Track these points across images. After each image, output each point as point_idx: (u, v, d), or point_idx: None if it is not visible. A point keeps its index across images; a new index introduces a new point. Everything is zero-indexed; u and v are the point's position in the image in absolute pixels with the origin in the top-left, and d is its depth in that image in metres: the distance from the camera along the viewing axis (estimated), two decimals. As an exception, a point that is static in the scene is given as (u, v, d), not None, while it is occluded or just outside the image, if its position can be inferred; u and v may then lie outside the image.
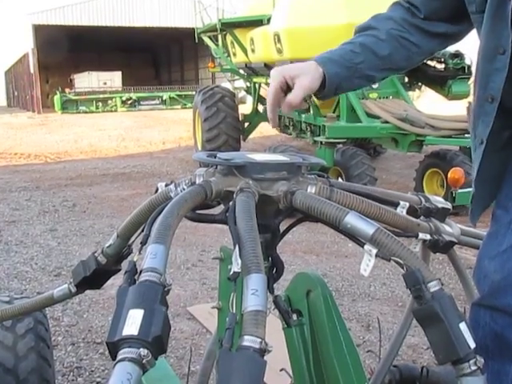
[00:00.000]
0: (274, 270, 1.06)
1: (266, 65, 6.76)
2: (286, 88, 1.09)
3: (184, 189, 1.00)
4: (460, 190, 4.19)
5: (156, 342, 0.67)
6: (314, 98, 5.76)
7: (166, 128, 13.09)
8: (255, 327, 0.70)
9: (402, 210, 1.05)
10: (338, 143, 5.25)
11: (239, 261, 0.78)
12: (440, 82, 6.34)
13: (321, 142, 5.09)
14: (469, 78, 6.24)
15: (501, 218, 1.03)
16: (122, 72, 24.32)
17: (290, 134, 7.56)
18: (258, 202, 0.94)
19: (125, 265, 0.87)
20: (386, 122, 5.34)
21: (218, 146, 6.99)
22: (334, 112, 5.91)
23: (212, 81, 21.82)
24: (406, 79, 6.45)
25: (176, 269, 3.70)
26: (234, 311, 0.75)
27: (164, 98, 21.18)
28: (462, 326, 0.80)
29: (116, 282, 2.40)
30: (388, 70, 1.17)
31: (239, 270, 0.78)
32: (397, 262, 0.85)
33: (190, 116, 8.73)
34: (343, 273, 3.63)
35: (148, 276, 0.73)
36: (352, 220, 0.88)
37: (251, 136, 8.47)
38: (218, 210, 1.00)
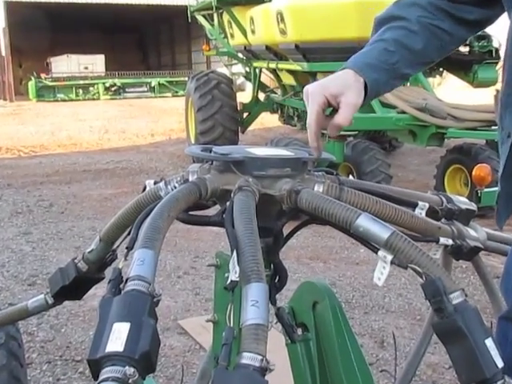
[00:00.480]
0: (277, 278, 1.06)
1: (267, 47, 6.75)
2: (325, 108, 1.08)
3: (175, 187, 1.01)
4: (486, 190, 4.19)
5: (143, 359, 0.67)
6: None
7: (154, 118, 13.09)
8: (255, 343, 0.70)
9: (420, 212, 1.06)
10: (349, 136, 5.25)
11: (237, 268, 0.79)
12: (464, 67, 6.32)
13: (329, 135, 5.10)
14: (497, 63, 6.23)
15: None
16: (105, 55, 24.33)
17: (295, 126, 7.55)
18: (259, 202, 0.95)
19: (108, 272, 0.88)
20: (403, 113, 5.34)
21: (214, 138, 7.00)
22: None
23: (207, 65, 21.83)
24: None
25: (166, 277, 3.71)
26: (232, 325, 0.76)
27: (152, 85, 21.19)
28: (489, 343, 0.80)
29: (98, 291, 2.41)
30: (422, 64, 1.17)
31: (237, 279, 0.78)
32: (415, 270, 0.85)
33: (181, 105, 8.72)
34: (354, 282, 3.64)
35: (135, 285, 0.74)
36: (364, 222, 0.89)
37: (251, 128, 8.47)
38: (213, 210, 1.01)
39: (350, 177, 1.15)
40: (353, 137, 5.45)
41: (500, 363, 0.79)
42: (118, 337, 0.68)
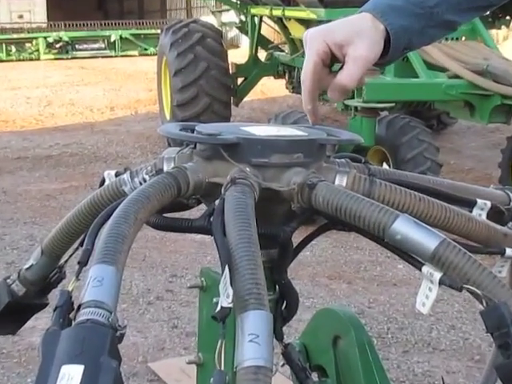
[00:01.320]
0: (284, 304, 1.07)
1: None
2: (330, 61, 1.09)
3: (145, 180, 1.03)
4: None
5: (102, 417, 0.68)
6: None
7: (115, 86, 13.05)
8: (255, 392, 0.71)
9: (480, 213, 1.07)
10: (382, 110, 5.25)
11: (230, 291, 0.80)
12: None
13: (355, 109, 5.10)
14: None
15: None
16: (47, 0, 24.30)
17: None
18: (260, 201, 0.97)
19: (54, 297, 0.89)
20: (457, 77, 5.34)
21: (197, 113, 7.01)
22: None
23: (187, 13, 21.79)
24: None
25: (132, 303, 3.73)
26: (223, 368, 0.76)
27: (112, 40, 21.15)
28: None
29: (40, 323, 2.40)
30: (475, 9, 1.16)
31: (230, 305, 0.80)
32: (472, 293, 0.86)
33: (152, 67, 8.71)
34: (389, 309, 3.65)
35: (90, 314, 0.75)
36: (403, 227, 0.90)
37: (247, 98, 8.46)
38: (196, 212, 1.01)
39: (384, 165, 1.16)
40: (388, 111, 5.44)
41: None
42: (68, 384, 0.68)
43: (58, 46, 20.67)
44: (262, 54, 8.20)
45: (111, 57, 20.24)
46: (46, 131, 8.96)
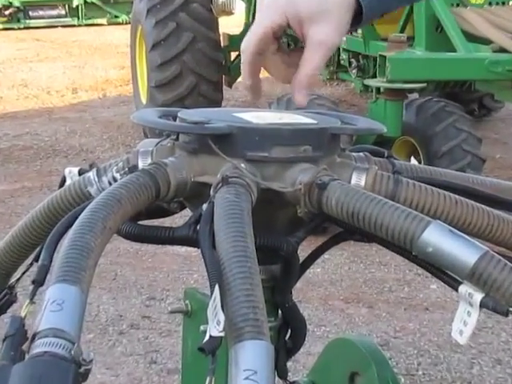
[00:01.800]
0: (288, 333, 1.09)
1: None
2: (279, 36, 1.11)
3: (115, 179, 1.04)
4: None
5: None
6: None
7: (78, 62, 12.98)
8: None
9: (532, 220, 1.07)
10: (411, 91, 5.24)
11: (221, 316, 0.80)
12: None
13: (377, 90, 5.10)
14: None
15: None
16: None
17: (319, 74, 7.52)
18: (258, 205, 0.98)
19: (3, 324, 0.89)
20: (503, 51, 5.34)
21: (180, 95, 7.00)
22: (401, 31, 5.90)
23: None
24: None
25: (100, 333, 3.72)
26: (213, 412, 0.77)
27: (74, 5, 21.09)
28: None
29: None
30: None
31: (221, 334, 0.80)
32: (523, 319, 0.87)
33: (125, 39, 8.66)
34: (420, 340, 3.64)
35: (48, 345, 0.75)
36: (436, 238, 0.91)
37: (243, 77, 8.44)
38: (180, 219, 1.02)
39: (413, 160, 1.19)
40: (418, 93, 5.45)
41: None
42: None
43: (7, 12, 20.62)
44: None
45: (73, 26, 20.17)
46: (-8, 119, 8.95)
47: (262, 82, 1.14)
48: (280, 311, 1.08)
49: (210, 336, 0.80)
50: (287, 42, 7.82)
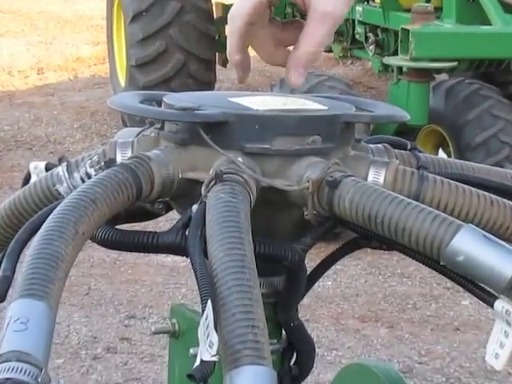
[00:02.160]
0: (294, 357, 1.07)
1: None
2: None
3: (89, 175, 1.03)
4: None
5: None
6: None
7: (45, 37, 12.69)
8: None
9: None
10: (439, 72, 5.18)
11: (214, 338, 0.78)
12: None
13: (399, 70, 5.03)
14: None
15: None
16: None
17: (330, 51, 7.40)
18: (258, 206, 0.96)
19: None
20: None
21: (165, 76, 6.79)
22: (427, 1, 5.81)
23: None
24: None
25: (71, 358, 3.64)
26: None
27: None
28: None
29: None
30: None
31: (215, 359, 0.78)
32: None
33: (100, 10, 8.53)
34: (450, 366, 3.57)
35: (11, 371, 0.72)
36: (468, 245, 0.87)
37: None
38: (165, 222, 1.00)
39: (441, 153, 1.13)
40: (447, 73, 5.34)
41: None
42: None
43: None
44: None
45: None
46: None
47: (260, 59, 1.10)
48: (284, 332, 1.06)
49: (202, 361, 0.78)
50: (292, 12, 7.63)
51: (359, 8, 6.34)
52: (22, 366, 0.72)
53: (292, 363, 1.07)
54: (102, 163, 1.01)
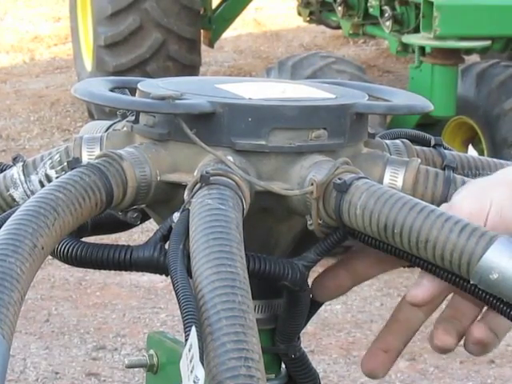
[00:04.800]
0: None
1: None
2: None
3: (49, 178, 1.02)
4: None
5: None
6: None
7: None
8: None
9: None
10: (469, 53, 5.06)
11: (200, 372, 0.75)
12: None
13: (422, 50, 4.84)
14: None
15: None
16: None
17: (337, 27, 7.24)
18: (252, 215, 0.95)
19: None
20: None
21: (140, 59, 6.57)
22: None
23: None
24: None
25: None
26: None
27: None
28: None
29: None
30: None
31: None
32: None
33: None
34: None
35: None
36: (503, 260, 0.84)
37: (231, 32, 8.15)
38: (141, 234, 0.85)
39: (471, 150, 1.08)
40: (479, 54, 5.26)
41: None
42: None
43: None
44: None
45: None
46: None
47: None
48: (283, 365, 1.03)
49: None
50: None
51: None
52: None
53: None
54: (65, 163, 0.98)
